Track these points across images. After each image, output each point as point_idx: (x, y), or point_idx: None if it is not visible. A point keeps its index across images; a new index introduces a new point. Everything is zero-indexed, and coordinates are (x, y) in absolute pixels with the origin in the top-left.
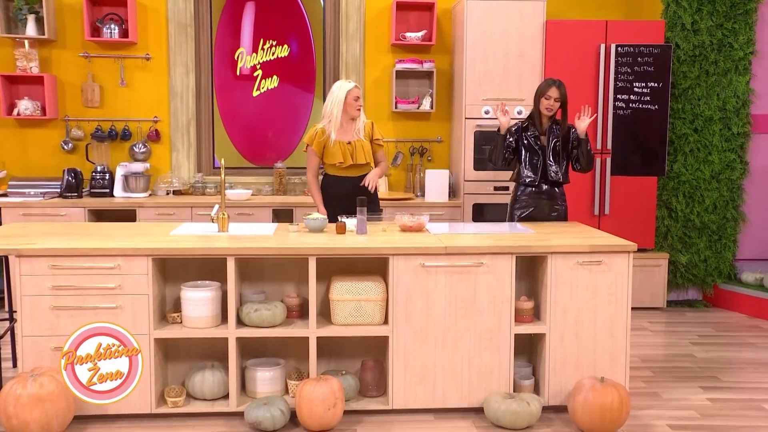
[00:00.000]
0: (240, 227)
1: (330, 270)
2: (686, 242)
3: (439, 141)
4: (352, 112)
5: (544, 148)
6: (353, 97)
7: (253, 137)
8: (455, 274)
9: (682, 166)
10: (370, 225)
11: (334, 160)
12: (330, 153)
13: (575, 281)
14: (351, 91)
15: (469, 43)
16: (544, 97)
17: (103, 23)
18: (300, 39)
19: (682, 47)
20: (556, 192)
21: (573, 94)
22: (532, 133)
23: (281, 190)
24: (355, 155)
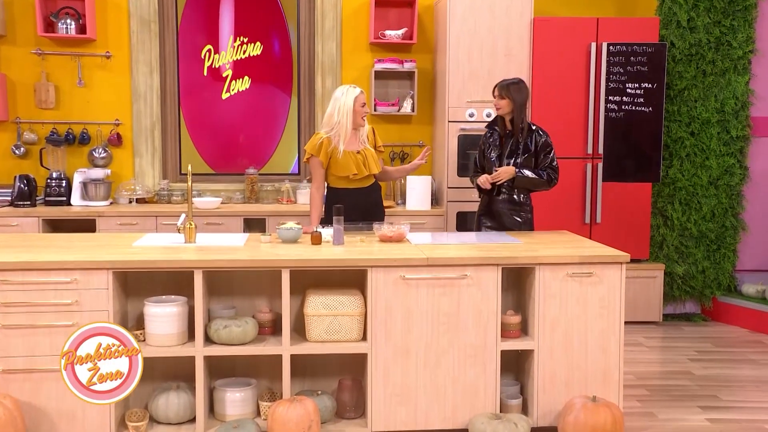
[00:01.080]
0: (208, 238)
1: (305, 283)
2: (683, 252)
3: (420, 145)
4: (359, 120)
5: (502, 153)
6: (360, 104)
7: (222, 142)
8: (438, 287)
9: (678, 172)
10: (348, 235)
11: (347, 172)
12: (340, 165)
13: (565, 294)
14: (358, 97)
15: (453, 42)
16: (493, 96)
17: (57, 18)
18: (274, 36)
19: (678, 46)
20: (515, 200)
21: (562, 95)
22: (496, 139)
23: (253, 197)
24: (367, 165)
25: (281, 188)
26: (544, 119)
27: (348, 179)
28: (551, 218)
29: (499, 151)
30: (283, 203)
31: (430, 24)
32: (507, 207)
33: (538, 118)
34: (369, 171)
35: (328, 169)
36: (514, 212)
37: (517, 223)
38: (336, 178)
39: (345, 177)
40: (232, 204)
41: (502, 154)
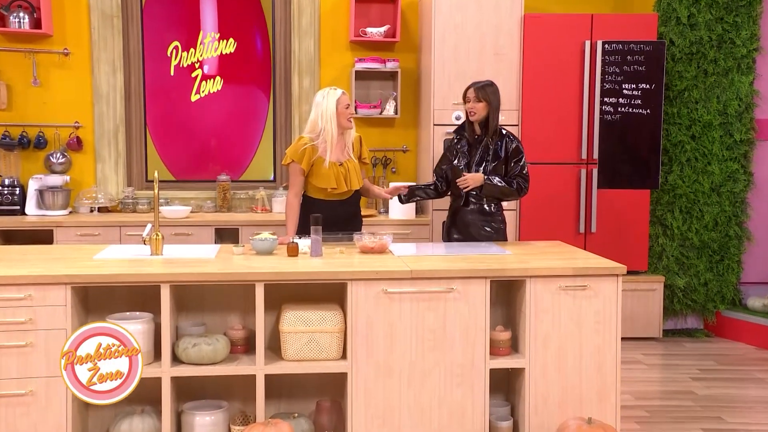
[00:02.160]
0: (177, 249)
1: (280, 298)
2: (684, 264)
3: (404, 150)
4: (344, 123)
5: (470, 161)
6: (344, 106)
7: (192, 146)
8: (422, 301)
9: (678, 178)
10: (326, 246)
11: (326, 184)
12: (321, 176)
13: (558, 308)
14: (341, 99)
15: (438, 40)
16: (465, 101)
17: (9, 11)
18: (248, 32)
19: (678, 44)
20: (485, 210)
21: (555, 96)
22: (463, 146)
23: (225, 206)
24: (349, 179)
25: (255, 196)
26: (535, 122)
27: (326, 192)
28: (543, 228)
29: (467, 158)
30: (258, 212)
31: (415, 21)
32: (477, 218)
33: (529, 121)
34: (350, 186)
35: (307, 177)
36: (484, 223)
37: (487, 235)
38: (314, 188)
39: (323, 189)
40: (202, 213)
41: (471, 162)
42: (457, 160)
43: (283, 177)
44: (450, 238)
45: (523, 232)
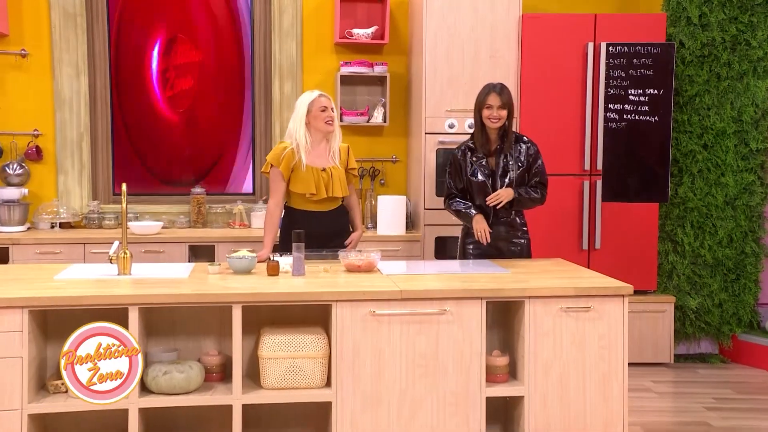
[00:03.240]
0: (147, 268)
1: (259, 321)
2: (696, 283)
3: (394, 161)
4: (321, 126)
5: (494, 173)
6: (319, 108)
7: (164, 157)
8: (413, 324)
9: (689, 190)
10: (309, 264)
11: (304, 189)
12: (300, 180)
13: (559, 332)
14: (315, 101)
15: (430, 43)
16: (485, 107)
17: None
18: (224, 35)
19: (688, 46)
20: (515, 222)
21: (555, 103)
22: (479, 157)
23: (200, 221)
24: (331, 186)
25: (233, 210)
26: (534, 130)
27: (305, 199)
28: (543, 244)
29: (488, 170)
30: (235, 227)
31: (404, 22)
32: (504, 231)
33: (527, 129)
34: (331, 193)
35: (288, 183)
36: (512, 236)
37: (514, 249)
38: (294, 196)
39: (302, 195)
40: (175, 229)
41: (495, 173)
42: (476, 174)
43: (263, 190)
44: (466, 254)
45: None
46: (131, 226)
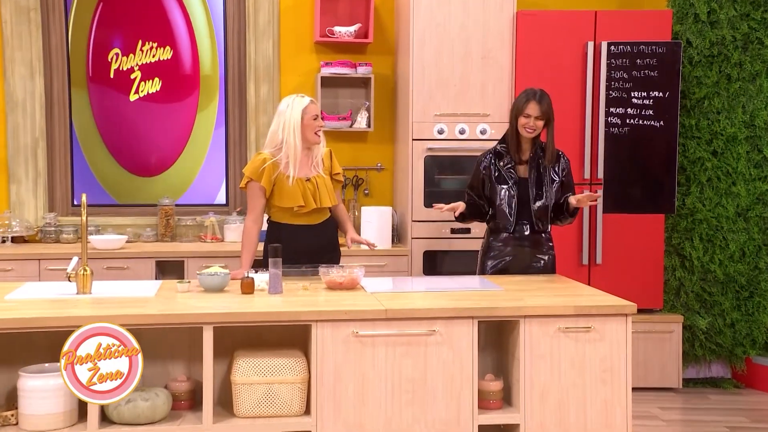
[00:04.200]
0: (109, 287)
1: (232, 343)
2: (706, 301)
3: (379, 169)
4: (311, 137)
5: (525, 182)
6: (311, 116)
7: (129, 165)
8: (399, 345)
9: (697, 201)
10: (287, 282)
11: (291, 203)
12: (285, 194)
13: (557, 354)
14: (308, 108)
15: (417, 42)
16: (523, 115)
17: None
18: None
19: (696, 45)
20: (541, 237)
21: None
22: (508, 163)
23: (168, 234)
24: (318, 197)
25: (204, 223)
26: None
27: (292, 212)
28: None
29: (517, 179)
30: (207, 241)
31: (390, 19)
32: (528, 248)
33: None
34: (320, 204)
35: (270, 198)
36: (537, 251)
37: (536, 265)
38: (279, 211)
39: (289, 209)
40: (140, 243)
41: (526, 182)
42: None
43: (237, 200)
44: (485, 270)
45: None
46: (92, 240)
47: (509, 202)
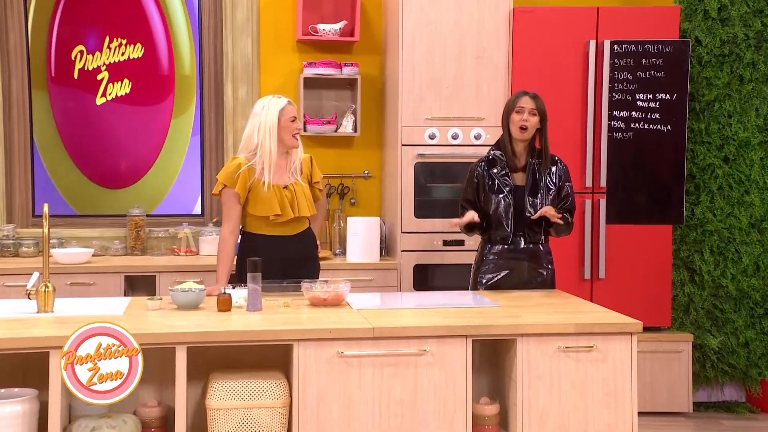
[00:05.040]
0: (73, 305)
1: (208, 364)
2: (718, 318)
3: (366, 177)
4: (288, 140)
5: (522, 191)
6: (289, 118)
7: (96, 172)
8: (388, 366)
9: (707, 211)
10: (267, 298)
11: (266, 211)
12: (261, 201)
13: (557, 375)
14: (285, 109)
15: (407, 40)
16: (515, 111)
17: None
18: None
19: (706, 43)
20: (540, 250)
21: (552, 110)
22: (502, 170)
23: (138, 247)
24: (296, 205)
25: (178, 235)
26: None
27: (268, 222)
28: None
29: (512, 186)
30: (180, 254)
31: (378, 16)
32: (526, 262)
33: None
34: (297, 213)
35: (244, 206)
36: (536, 266)
37: (538, 280)
38: (254, 220)
39: (264, 218)
40: (108, 256)
41: (524, 192)
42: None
43: (213, 210)
44: (478, 284)
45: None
46: (55, 253)
47: (505, 212)
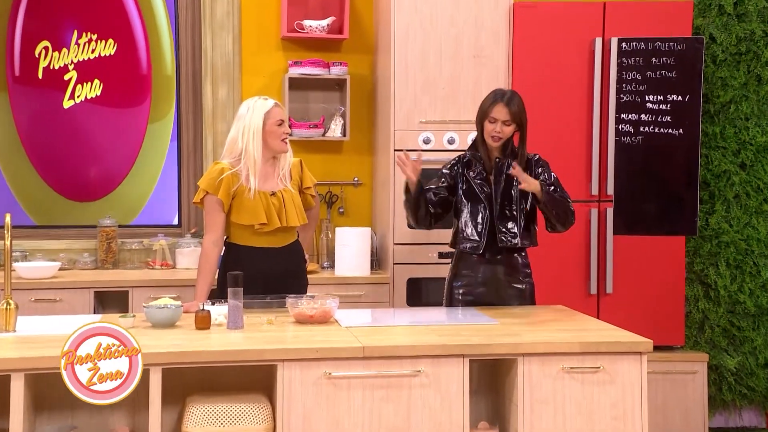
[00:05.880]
0: (37, 323)
1: (184, 387)
2: (734, 337)
3: (356, 184)
4: (275, 145)
5: (494, 196)
6: (275, 122)
7: (63, 178)
8: (379, 388)
9: (723, 221)
10: (249, 315)
11: (252, 220)
12: (245, 209)
13: (561, 398)
14: (271, 112)
15: (400, 38)
16: (488, 120)
17: None
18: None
19: (721, 41)
20: (516, 261)
21: (555, 112)
22: (478, 174)
23: (109, 261)
24: (285, 214)
25: (153, 247)
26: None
27: (253, 231)
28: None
29: (487, 186)
30: (156, 268)
31: (368, 12)
32: (502, 272)
33: None
34: (286, 222)
35: (228, 214)
36: (512, 279)
37: (513, 294)
38: (238, 229)
39: (249, 227)
40: (76, 270)
41: (495, 192)
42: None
43: (191, 220)
44: (454, 300)
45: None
46: (17, 267)
47: (476, 221)
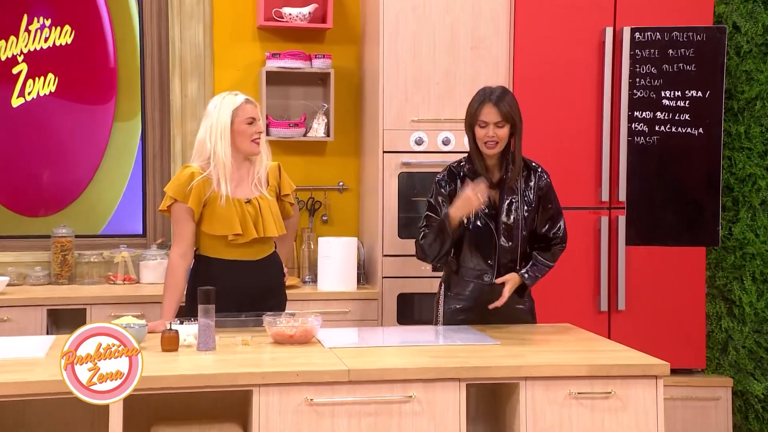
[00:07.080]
0: None
1: (149, 415)
2: (762, 359)
3: (340, 189)
4: (245, 146)
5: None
6: (245, 120)
7: (12, 183)
8: (366, 415)
9: (747, 230)
10: (222, 335)
11: (225, 230)
12: (217, 218)
13: (568, 426)
14: (240, 109)
15: (390, 28)
16: (478, 125)
17: None
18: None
19: (745, 30)
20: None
21: (561, 110)
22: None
23: (65, 275)
24: (261, 224)
25: (114, 259)
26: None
27: (226, 243)
28: (546, 304)
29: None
30: (117, 283)
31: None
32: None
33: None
34: (262, 233)
35: (199, 223)
36: (511, 299)
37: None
38: (209, 240)
39: (222, 238)
40: (27, 286)
41: (498, 214)
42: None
43: (158, 230)
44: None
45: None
46: None
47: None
